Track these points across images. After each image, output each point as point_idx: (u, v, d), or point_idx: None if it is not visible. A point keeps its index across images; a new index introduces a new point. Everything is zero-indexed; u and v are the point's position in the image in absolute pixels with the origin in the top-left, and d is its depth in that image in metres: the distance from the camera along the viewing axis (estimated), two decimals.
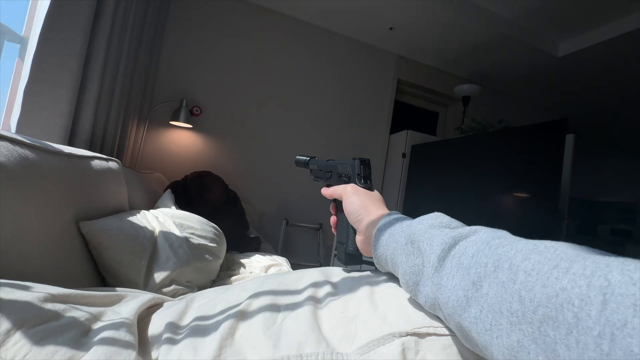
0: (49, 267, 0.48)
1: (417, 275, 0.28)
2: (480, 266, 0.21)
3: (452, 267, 0.24)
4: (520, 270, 0.19)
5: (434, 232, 0.28)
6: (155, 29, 1.79)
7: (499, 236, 0.23)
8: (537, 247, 0.20)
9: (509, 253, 0.20)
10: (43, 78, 1.01)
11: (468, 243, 0.24)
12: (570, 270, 0.17)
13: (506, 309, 0.19)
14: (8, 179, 0.40)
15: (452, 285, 0.23)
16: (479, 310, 0.20)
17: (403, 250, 0.30)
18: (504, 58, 2.49)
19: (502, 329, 0.19)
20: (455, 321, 0.23)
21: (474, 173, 1.82)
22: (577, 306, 0.15)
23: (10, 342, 0.23)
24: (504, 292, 0.19)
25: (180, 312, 0.34)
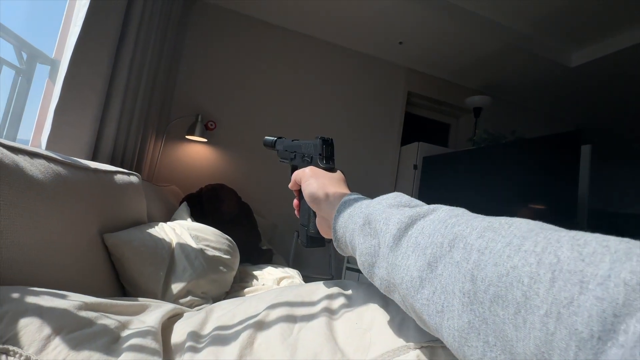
0: (76, 277, 0.51)
1: (372, 257, 0.27)
2: (436, 246, 0.21)
3: (408, 247, 0.23)
4: (474, 249, 0.18)
5: (392, 211, 0.27)
6: (173, 49, 1.88)
7: (456, 214, 0.23)
8: (492, 224, 0.19)
9: (465, 232, 0.20)
10: (72, 98, 1.08)
11: (425, 222, 0.23)
12: (522, 247, 0.16)
13: (459, 290, 0.18)
14: (44, 195, 0.44)
15: (407, 265, 0.22)
16: (432, 291, 0.20)
17: (361, 231, 0.29)
18: (516, 69, 2.49)
19: (453, 310, 0.18)
20: (409, 303, 0.22)
21: (487, 185, 1.80)
22: (527, 284, 0.15)
23: (51, 347, 0.25)
24: (458, 273, 0.18)
25: (201, 322, 0.35)
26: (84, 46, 1.09)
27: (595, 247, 0.14)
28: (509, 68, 2.48)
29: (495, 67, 2.50)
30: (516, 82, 2.69)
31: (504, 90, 2.84)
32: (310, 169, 0.42)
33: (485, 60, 2.41)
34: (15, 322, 0.25)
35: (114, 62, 1.24)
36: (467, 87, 2.83)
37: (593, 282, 0.13)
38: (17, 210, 0.37)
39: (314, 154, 0.43)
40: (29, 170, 0.43)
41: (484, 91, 2.84)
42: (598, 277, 0.13)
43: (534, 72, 2.48)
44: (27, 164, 0.43)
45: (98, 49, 1.15)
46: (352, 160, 2.47)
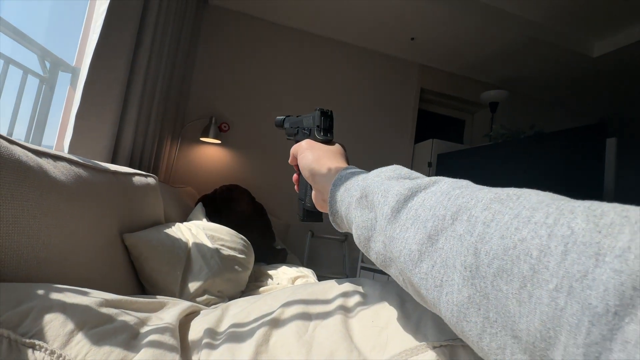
0: (97, 276, 0.53)
1: (368, 230, 0.26)
2: (437, 219, 0.20)
3: (407, 219, 0.22)
4: (479, 222, 0.17)
5: (391, 183, 0.26)
6: (187, 54, 1.92)
7: (460, 186, 0.21)
8: (499, 195, 0.18)
9: (469, 204, 0.19)
10: (92, 103, 1.12)
11: (427, 194, 0.22)
12: (532, 219, 0.15)
13: (460, 264, 0.17)
14: (67, 196, 0.45)
15: (405, 238, 0.21)
16: (431, 265, 0.19)
17: (358, 204, 0.28)
18: (534, 62, 2.40)
19: (453, 284, 0.17)
20: (407, 277, 0.22)
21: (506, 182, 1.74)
22: (535, 257, 0.14)
23: (74, 341, 0.26)
24: (460, 246, 0.17)
25: (217, 319, 0.36)
26: (102, 53, 1.13)
27: (613, 217, 0.13)
28: (526, 61, 2.40)
29: (512, 61, 2.43)
30: (534, 75, 2.60)
31: (521, 83, 2.75)
32: (306, 142, 0.41)
33: (502, 54, 2.35)
34: (40, 318, 0.26)
35: (131, 68, 1.28)
36: (483, 81, 2.76)
37: (610, 255, 0.12)
38: (43, 210, 0.39)
39: (312, 127, 0.42)
40: (53, 173, 0.44)
41: (500, 85, 2.76)
42: (616, 249, 0.12)
43: (553, 63, 2.39)
44: (50, 166, 0.45)
45: (115, 56, 1.19)
46: (365, 158, 2.45)
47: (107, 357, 0.26)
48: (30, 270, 0.35)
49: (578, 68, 2.41)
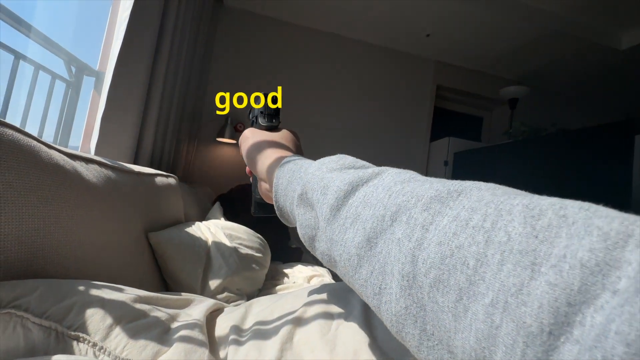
0: (126, 273, 0.55)
1: (312, 230, 0.24)
2: (377, 219, 0.18)
3: (346, 219, 0.20)
4: (418, 225, 0.16)
5: (332, 176, 0.23)
6: (203, 56, 1.97)
7: (402, 180, 0.19)
8: (440, 193, 0.16)
9: (409, 203, 0.17)
10: (115, 106, 1.16)
11: (368, 189, 0.20)
12: (470, 222, 0.14)
13: (397, 271, 0.16)
14: (99, 197, 0.48)
15: (344, 240, 0.20)
16: (369, 271, 0.18)
17: (300, 201, 0.26)
18: (556, 56, 2.32)
19: (391, 293, 0.16)
20: (349, 283, 0.20)
21: (526, 181, 1.70)
22: (472, 267, 0.13)
23: (113, 335, 0.27)
24: (398, 252, 0.16)
25: (241, 317, 0.37)
26: (125, 59, 1.18)
27: (550, 218, 0.12)
28: (548, 55, 2.32)
29: (533, 55, 2.35)
30: (557, 69, 2.50)
31: (542, 79, 2.66)
32: (249, 130, 0.38)
33: (522, 49, 2.27)
34: (82, 312, 0.27)
35: (151, 72, 1.32)
36: (501, 77, 2.68)
37: (546, 264, 0.11)
38: (78, 211, 0.41)
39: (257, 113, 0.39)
40: (86, 175, 0.47)
41: (520, 81, 2.67)
42: (552, 257, 0.11)
43: (577, 57, 2.30)
44: (83, 169, 0.47)
45: (137, 60, 1.23)
46: (380, 157, 2.44)
47: (143, 350, 0.27)
48: (70, 267, 0.37)
49: (604, 61, 2.31)
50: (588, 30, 2.06)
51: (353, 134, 2.41)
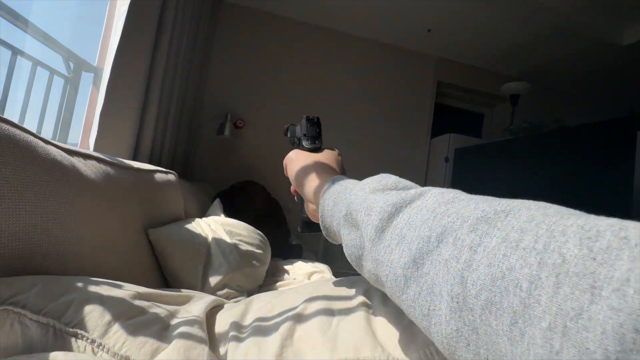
0: (125, 269, 0.55)
1: (359, 249, 0.25)
2: (422, 240, 0.18)
3: (392, 240, 0.20)
4: (465, 246, 0.16)
5: (375, 198, 0.24)
6: (203, 52, 1.95)
7: (446, 200, 0.20)
8: (486, 213, 0.16)
9: (455, 224, 0.17)
10: (114, 102, 1.16)
11: (412, 210, 0.20)
12: (521, 243, 0.14)
13: (447, 292, 0.16)
14: (97, 193, 0.47)
15: (390, 260, 0.20)
16: (417, 292, 0.18)
17: (345, 222, 0.26)
18: (558, 52, 2.30)
19: (441, 315, 0.16)
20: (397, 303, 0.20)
21: (527, 178, 1.69)
22: (525, 290, 0.12)
23: (112, 331, 0.27)
24: (446, 273, 0.16)
25: (242, 313, 0.37)
26: (123, 54, 1.17)
27: (610, 240, 0.11)
28: (550, 51, 2.30)
29: (535, 52, 2.33)
30: (559, 66, 2.49)
31: (544, 75, 2.64)
32: (294, 152, 0.40)
33: (523, 44, 2.26)
34: (81, 309, 0.27)
35: (150, 68, 1.31)
36: (503, 73, 2.67)
37: (607, 288, 0.10)
38: (77, 207, 0.41)
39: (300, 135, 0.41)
40: (84, 171, 0.46)
41: (521, 77, 2.66)
42: (614, 280, 0.10)
43: (579, 53, 2.28)
44: (81, 165, 0.47)
45: (136, 56, 1.22)
46: (380, 154, 2.43)
47: (142, 346, 0.27)
48: (68, 264, 0.37)
49: (606, 57, 2.29)
50: (590, 27, 2.04)
51: (354, 131, 2.40)
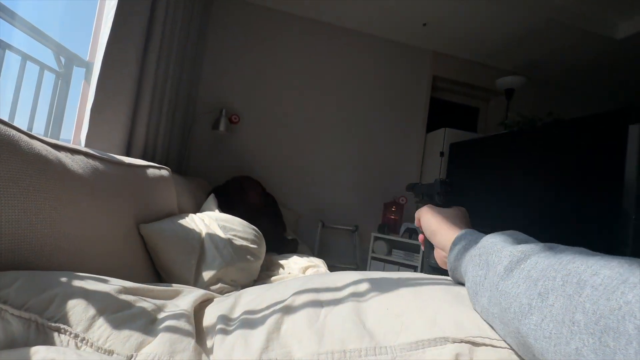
0: (116, 265, 0.55)
1: (477, 285, 0.29)
2: (548, 279, 0.22)
3: (519, 278, 0.25)
4: (588, 285, 0.20)
5: (506, 245, 0.29)
6: (196, 46, 1.93)
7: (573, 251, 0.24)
8: (610, 262, 0.20)
9: (579, 269, 0.21)
10: (106, 97, 1.14)
11: (540, 258, 0.25)
12: (638, 285, 0.17)
13: (569, 319, 0.19)
14: (85, 189, 0.47)
15: (517, 293, 0.24)
16: (540, 318, 0.21)
17: (471, 261, 0.32)
18: (553, 45, 2.30)
19: (561, 337, 0.20)
20: (514, 326, 0.24)
21: (521, 171, 1.70)
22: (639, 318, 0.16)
23: (96, 326, 0.27)
24: (569, 304, 0.20)
25: (230, 306, 0.37)
26: (114, 47, 1.15)
27: None
28: (544, 44, 2.30)
29: (529, 45, 2.33)
30: (553, 59, 2.49)
31: (539, 69, 2.64)
32: (428, 207, 0.47)
33: (518, 38, 2.25)
34: (64, 304, 0.27)
35: (142, 61, 1.29)
36: (498, 67, 2.66)
37: None
38: (63, 202, 0.40)
39: (433, 193, 0.49)
40: (71, 166, 0.46)
41: (516, 71, 2.66)
42: None
43: (574, 47, 2.28)
44: (68, 160, 0.46)
45: (127, 49, 1.20)
46: (375, 149, 2.43)
47: (127, 340, 0.27)
48: (53, 259, 0.37)
49: (601, 51, 2.29)
50: (584, 19, 2.04)
51: (349, 125, 2.39)
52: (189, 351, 0.28)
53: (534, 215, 1.58)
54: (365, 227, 2.35)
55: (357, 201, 2.38)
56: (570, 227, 1.41)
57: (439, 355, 0.25)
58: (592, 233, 1.31)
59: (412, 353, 0.26)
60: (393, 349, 0.26)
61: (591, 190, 1.36)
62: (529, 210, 1.61)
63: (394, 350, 0.26)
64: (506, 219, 1.72)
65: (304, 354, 0.28)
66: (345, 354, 0.27)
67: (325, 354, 0.27)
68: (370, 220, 2.38)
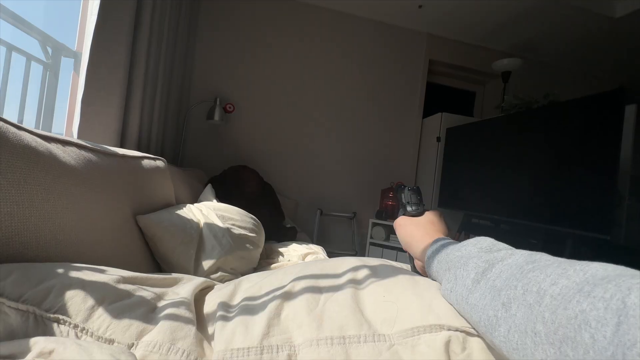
0: (114, 256, 0.55)
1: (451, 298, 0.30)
2: (510, 289, 0.23)
3: (485, 289, 0.25)
4: (547, 295, 0.20)
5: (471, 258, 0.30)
6: (187, 35, 1.88)
7: (533, 260, 0.25)
8: (567, 271, 0.21)
9: (539, 277, 0.22)
10: (96, 88, 1.12)
11: (503, 267, 0.25)
12: (592, 293, 0.18)
13: (531, 329, 0.20)
14: (79, 180, 0.46)
15: (483, 305, 0.25)
16: (507, 329, 0.22)
17: (444, 276, 0.32)
18: (550, 25, 2.26)
19: (527, 348, 0.20)
20: (489, 339, 0.24)
21: (518, 154, 1.70)
22: (594, 327, 0.16)
23: (95, 316, 0.27)
24: (530, 314, 0.20)
25: (230, 293, 0.37)
26: (101, 36, 1.11)
27: None
28: (542, 25, 2.27)
29: (527, 25, 2.29)
30: (551, 40, 2.45)
31: (536, 50, 2.61)
32: (401, 219, 0.47)
33: (515, 19, 2.21)
34: (62, 295, 0.27)
35: (132, 50, 1.26)
36: (495, 49, 2.63)
37: None
38: (56, 194, 0.40)
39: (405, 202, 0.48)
40: (63, 157, 0.45)
41: (513, 53, 2.63)
42: None
43: (571, 26, 2.25)
44: (59, 151, 0.45)
45: (115, 38, 1.17)
46: (371, 136, 2.42)
47: (127, 329, 0.27)
48: (50, 252, 0.37)
49: (598, 31, 2.27)
50: None
51: (345, 111, 2.37)
52: (190, 338, 0.28)
53: (531, 198, 1.60)
54: (363, 213, 2.37)
55: (354, 188, 2.39)
56: (566, 209, 1.42)
57: (433, 341, 0.26)
58: (587, 215, 1.33)
59: (408, 340, 0.26)
60: (391, 336, 0.27)
61: (587, 171, 1.37)
62: (526, 194, 1.63)
63: (391, 337, 0.27)
64: (505, 202, 1.74)
65: (304, 339, 0.28)
66: (344, 340, 0.27)
67: (324, 340, 0.27)
68: (368, 206, 2.39)
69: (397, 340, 0.27)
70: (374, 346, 0.26)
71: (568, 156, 1.46)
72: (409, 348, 0.26)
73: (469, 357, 0.25)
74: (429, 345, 0.26)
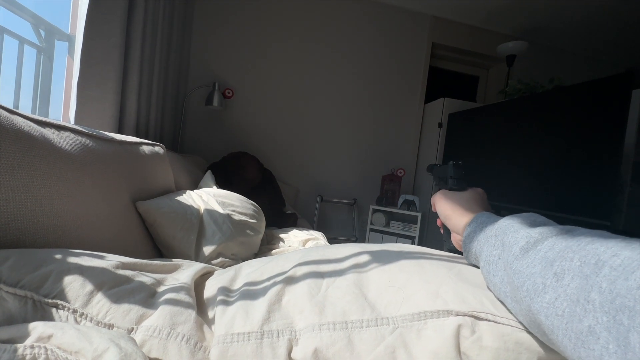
0: (114, 241, 0.54)
1: (490, 265, 0.30)
2: (565, 260, 0.23)
3: (535, 259, 0.25)
4: (607, 265, 0.20)
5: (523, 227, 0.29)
6: (184, 18, 1.82)
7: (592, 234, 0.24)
8: (631, 244, 0.20)
9: (598, 250, 0.21)
10: (91, 72, 1.09)
11: (557, 240, 0.25)
12: None
13: (583, 298, 0.20)
14: (75, 165, 0.45)
15: (531, 272, 0.24)
16: (554, 297, 0.22)
17: (487, 242, 0.32)
18: (556, 6, 2.19)
19: (574, 315, 0.20)
20: (526, 304, 0.24)
21: (520, 140, 1.69)
22: None
23: (94, 301, 0.27)
24: (585, 284, 0.20)
25: (231, 278, 0.37)
26: (95, 18, 1.08)
27: None
28: (547, 7, 2.19)
29: (532, 7, 2.22)
30: (556, 22, 2.38)
31: (541, 33, 2.54)
32: (442, 192, 0.47)
33: (520, 0, 2.14)
34: (60, 280, 0.27)
35: (127, 33, 1.22)
36: (499, 32, 2.56)
37: None
38: (52, 179, 0.39)
39: (446, 177, 0.48)
40: (57, 142, 0.44)
41: (518, 36, 2.56)
42: None
43: (577, 8, 2.18)
44: (54, 136, 0.44)
45: (109, 20, 1.13)
46: (373, 120, 2.39)
47: (127, 314, 0.27)
48: (48, 237, 0.36)
49: (606, 12, 2.20)
50: None
51: (346, 96, 2.33)
52: (190, 322, 0.28)
53: (534, 184, 1.59)
54: (364, 199, 2.37)
55: (355, 174, 2.38)
56: (567, 195, 1.42)
57: (440, 326, 0.25)
58: (590, 199, 1.32)
59: (414, 324, 0.26)
60: (394, 319, 0.27)
61: (591, 157, 1.35)
62: (530, 179, 1.62)
63: (395, 320, 0.27)
64: (507, 188, 1.73)
65: (306, 324, 0.28)
66: (346, 325, 0.27)
67: (327, 325, 0.27)
68: (369, 193, 2.39)
69: (402, 324, 0.26)
70: (376, 330, 0.26)
71: (571, 142, 1.44)
72: (414, 332, 0.26)
73: (479, 341, 0.25)
74: (436, 331, 0.25)
